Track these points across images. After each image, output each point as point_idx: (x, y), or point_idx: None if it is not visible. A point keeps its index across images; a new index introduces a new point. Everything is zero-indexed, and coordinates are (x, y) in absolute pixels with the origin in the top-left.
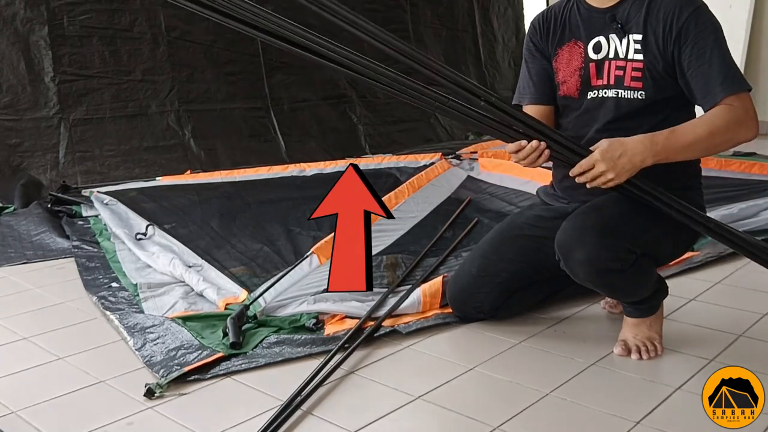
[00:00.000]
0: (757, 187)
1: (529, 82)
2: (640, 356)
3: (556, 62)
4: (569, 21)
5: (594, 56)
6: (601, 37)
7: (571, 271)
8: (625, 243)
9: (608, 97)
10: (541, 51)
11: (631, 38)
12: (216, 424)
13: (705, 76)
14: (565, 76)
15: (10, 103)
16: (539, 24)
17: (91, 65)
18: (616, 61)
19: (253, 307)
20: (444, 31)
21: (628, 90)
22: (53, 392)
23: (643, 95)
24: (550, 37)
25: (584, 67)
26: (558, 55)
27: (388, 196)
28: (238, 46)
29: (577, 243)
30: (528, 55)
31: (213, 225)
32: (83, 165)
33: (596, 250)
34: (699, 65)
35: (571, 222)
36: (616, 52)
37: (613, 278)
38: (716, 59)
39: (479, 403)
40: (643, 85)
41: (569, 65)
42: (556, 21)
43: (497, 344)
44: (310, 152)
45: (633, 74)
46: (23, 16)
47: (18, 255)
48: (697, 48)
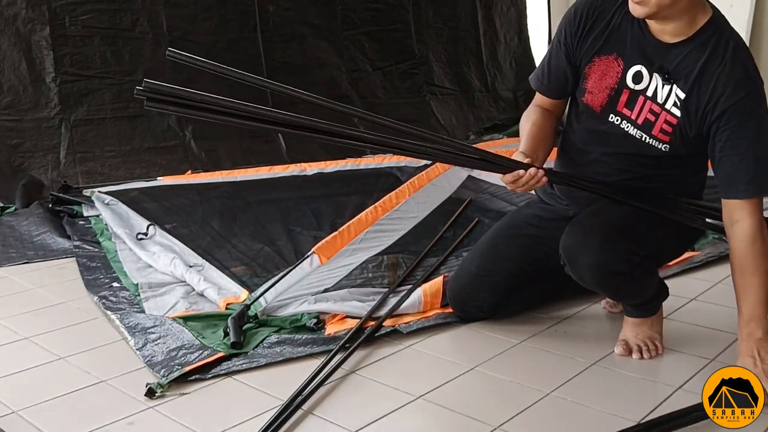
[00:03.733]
0: None
1: (546, 71)
2: (641, 356)
3: (590, 69)
4: (618, 30)
5: (631, 85)
6: (645, 69)
7: (577, 275)
8: (630, 245)
9: (631, 134)
10: (567, 47)
11: (675, 90)
12: (217, 423)
13: (733, 168)
14: (594, 88)
15: (11, 104)
16: (582, 15)
17: (93, 65)
18: (652, 104)
19: (254, 306)
20: (446, 31)
21: (654, 140)
22: (54, 392)
23: (667, 149)
24: (590, 40)
25: (617, 89)
26: (594, 63)
27: (388, 196)
28: (238, 46)
29: (583, 247)
30: (556, 42)
31: (214, 225)
32: (84, 165)
33: (602, 254)
34: (731, 155)
35: (574, 227)
36: (655, 93)
37: (619, 280)
38: (750, 155)
39: (480, 403)
40: (671, 140)
41: (602, 80)
42: (603, 23)
43: (498, 344)
44: (311, 152)
45: (664, 127)
46: (25, 16)
47: (19, 255)
48: (734, 136)
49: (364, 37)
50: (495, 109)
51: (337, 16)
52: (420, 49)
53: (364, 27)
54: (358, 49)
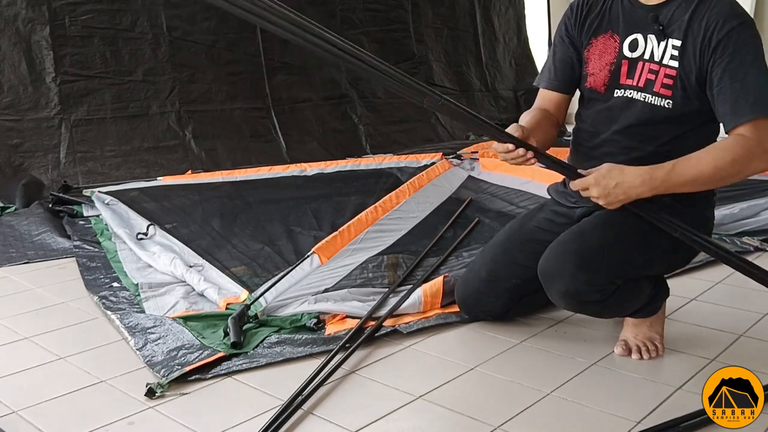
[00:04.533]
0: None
1: (551, 66)
2: (641, 356)
3: (588, 52)
4: (610, 11)
5: (628, 54)
6: (639, 35)
7: (552, 300)
8: (605, 275)
9: (634, 99)
10: (571, 37)
11: (670, 43)
12: (217, 423)
13: (734, 94)
14: (595, 69)
15: (11, 104)
16: (578, 8)
17: (93, 65)
18: (650, 64)
19: (254, 306)
20: (445, 31)
21: (657, 96)
22: (54, 392)
23: (670, 104)
24: (587, 25)
25: (616, 63)
26: (591, 45)
27: (388, 196)
28: (238, 46)
29: (557, 274)
30: (558, 38)
31: (214, 225)
32: (84, 165)
33: (574, 284)
34: (731, 82)
35: (553, 251)
36: (652, 54)
37: (594, 308)
38: (751, 79)
39: (480, 403)
40: (672, 93)
41: (601, 58)
42: (597, 8)
43: (498, 344)
44: (311, 152)
45: (664, 81)
46: (25, 16)
47: (19, 255)
48: (732, 64)
49: (363, 37)
50: (495, 109)
51: (337, 17)
52: (419, 49)
53: (364, 27)
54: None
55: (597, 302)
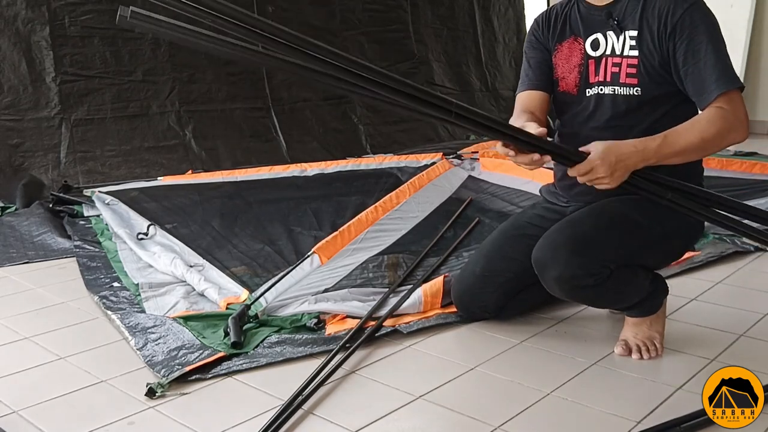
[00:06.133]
0: (758, 187)
1: (528, 70)
2: (640, 356)
3: (556, 58)
4: (569, 18)
5: (592, 53)
6: (599, 34)
7: (547, 288)
8: (598, 259)
9: (605, 94)
10: (542, 43)
11: (627, 34)
12: (217, 423)
13: (699, 73)
14: (564, 72)
15: (11, 104)
16: (542, 20)
17: (93, 65)
18: (613, 58)
19: (254, 306)
20: (445, 31)
21: (624, 86)
22: (55, 392)
23: (639, 91)
24: (551, 33)
25: (583, 64)
26: (558, 51)
27: (389, 196)
28: None
29: (551, 261)
30: (528, 47)
31: (214, 225)
32: (84, 165)
33: (569, 269)
34: (694, 62)
35: (546, 239)
36: (612, 48)
37: (589, 293)
38: (710, 57)
39: (480, 403)
40: (639, 81)
41: (569, 61)
42: (557, 18)
43: (498, 344)
44: (311, 152)
45: (628, 71)
46: (24, 16)
47: (20, 255)
48: (692, 45)
49: (363, 37)
50: (496, 109)
51: (336, 17)
52: (419, 49)
53: (363, 27)
54: (357, 49)
55: (592, 287)
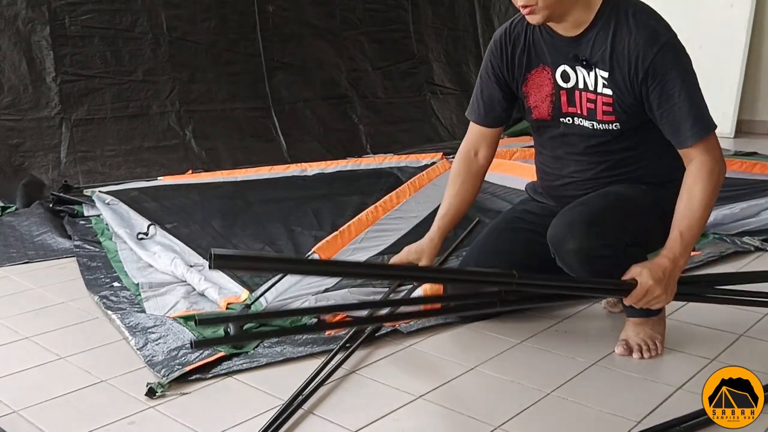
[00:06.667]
0: (758, 187)
1: (479, 101)
2: (641, 355)
3: (527, 87)
4: (534, 45)
5: (563, 84)
6: (567, 67)
7: (565, 263)
8: (613, 230)
9: (584, 126)
10: (497, 76)
11: (598, 73)
12: (217, 423)
13: (674, 118)
14: (537, 102)
15: (11, 103)
16: (502, 46)
17: (93, 65)
18: (587, 93)
19: (254, 306)
20: (445, 31)
21: (602, 123)
22: (55, 392)
23: (618, 126)
24: (517, 62)
25: (555, 94)
26: (528, 81)
27: (389, 196)
28: (238, 46)
29: (568, 234)
30: (484, 73)
31: (214, 225)
32: (85, 165)
33: (587, 239)
34: (668, 107)
35: (560, 218)
36: (585, 83)
37: (605, 265)
38: (684, 102)
39: (480, 403)
40: (617, 117)
41: (540, 90)
42: (521, 44)
43: (498, 344)
44: (312, 152)
45: (604, 108)
46: (25, 16)
47: (20, 255)
48: (665, 90)
49: (363, 37)
50: None
51: (337, 16)
52: (419, 49)
53: (364, 27)
54: (357, 48)
55: (609, 258)
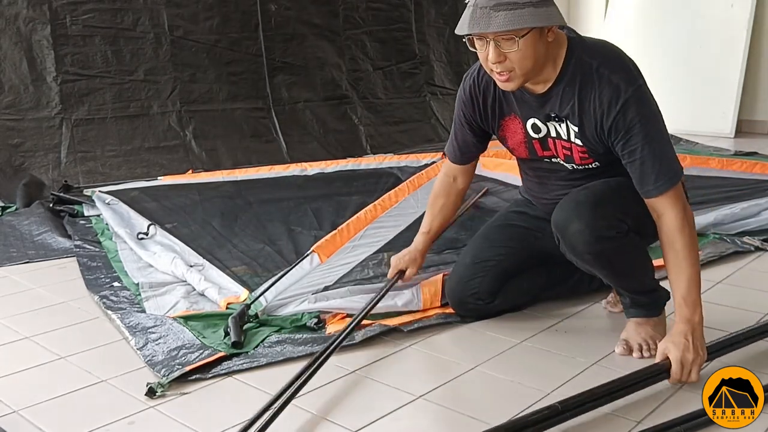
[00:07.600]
0: (758, 187)
1: (455, 144)
2: (642, 355)
3: (502, 132)
4: (504, 95)
5: (534, 135)
6: (537, 120)
7: (569, 245)
8: (617, 212)
9: (563, 164)
10: (469, 123)
11: (569, 125)
12: (217, 423)
13: (639, 170)
14: (513, 145)
15: (12, 103)
16: (472, 96)
17: (94, 65)
18: (561, 141)
19: (254, 306)
20: (447, 30)
21: (581, 165)
22: (55, 391)
23: (598, 164)
24: (489, 112)
25: (528, 142)
26: (502, 127)
27: (388, 195)
28: (240, 46)
29: (573, 215)
30: (457, 120)
31: (214, 224)
32: (85, 165)
33: (592, 219)
34: (631, 161)
35: (563, 203)
36: (557, 133)
37: (609, 246)
38: (648, 157)
39: (481, 403)
40: (594, 158)
41: (514, 136)
42: (491, 93)
43: (498, 343)
44: (312, 152)
45: (581, 154)
46: (26, 15)
47: (20, 254)
48: (628, 145)
49: (365, 36)
50: None
51: (339, 16)
52: (421, 49)
53: (366, 27)
54: (359, 48)
55: (612, 239)
